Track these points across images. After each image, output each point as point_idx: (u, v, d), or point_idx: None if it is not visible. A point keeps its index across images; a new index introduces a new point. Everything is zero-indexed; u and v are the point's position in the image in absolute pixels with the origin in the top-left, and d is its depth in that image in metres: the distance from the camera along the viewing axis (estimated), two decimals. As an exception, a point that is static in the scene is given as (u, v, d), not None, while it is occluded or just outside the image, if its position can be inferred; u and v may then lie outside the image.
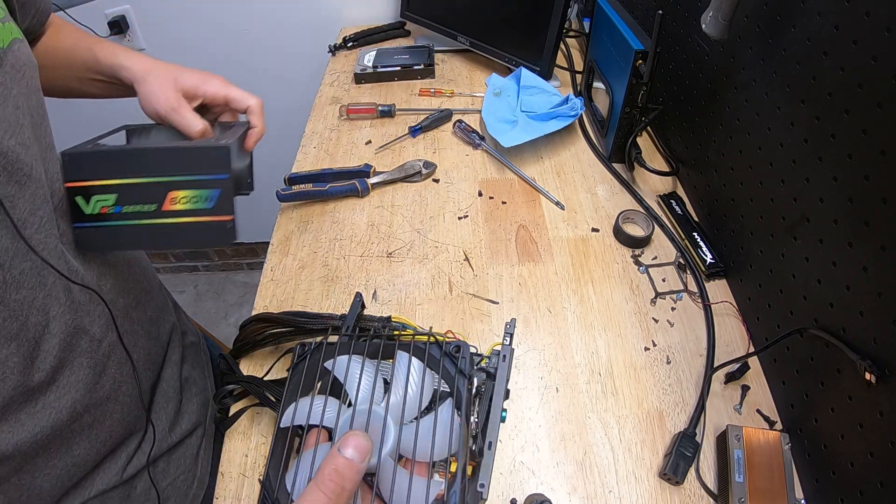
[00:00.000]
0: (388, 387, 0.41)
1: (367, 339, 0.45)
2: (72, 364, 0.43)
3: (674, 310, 0.63)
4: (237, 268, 1.99)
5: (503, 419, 0.42)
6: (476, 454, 0.39)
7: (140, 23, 1.25)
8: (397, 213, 0.76)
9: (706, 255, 0.66)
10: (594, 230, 0.72)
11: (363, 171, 0.80)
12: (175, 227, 0.43)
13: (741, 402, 0.55)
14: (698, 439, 0.51)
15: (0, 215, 0.36)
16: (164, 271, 1.98)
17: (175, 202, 0.43)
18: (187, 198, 0.43)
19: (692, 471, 0.50)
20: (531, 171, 0.81)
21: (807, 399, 0.50)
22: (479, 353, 0.46)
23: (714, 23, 0.58)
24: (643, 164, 0.75)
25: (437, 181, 0.81)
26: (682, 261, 0.68)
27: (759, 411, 0.54)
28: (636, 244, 0.70)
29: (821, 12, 0.47)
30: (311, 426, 0.40)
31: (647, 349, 0.59)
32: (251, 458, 0.52)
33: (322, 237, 0.74)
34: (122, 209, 0.43)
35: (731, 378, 0.56)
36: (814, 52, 0.48)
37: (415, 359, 0.41)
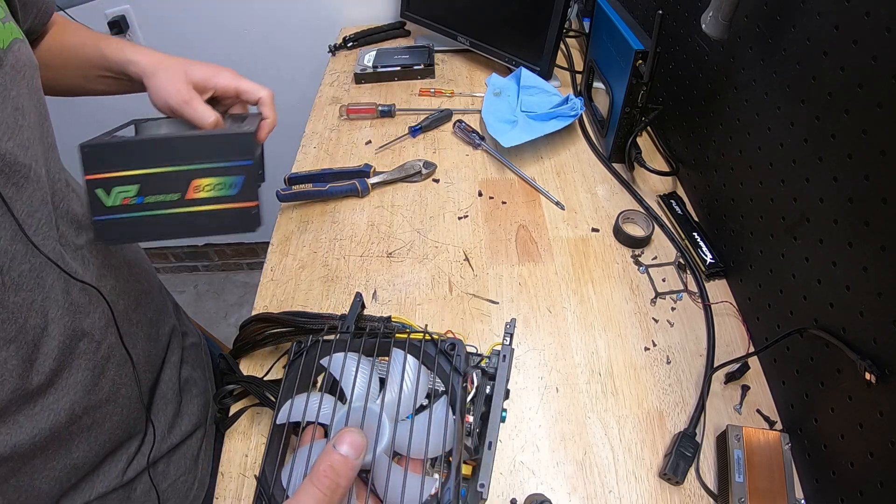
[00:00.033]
0: (383, 384, 0.41)
1: (362, 337, 0.45)
2: (71, 366, 0.43)
3: (674, 310, 0.63)
4: (237, 268, 1.99)
5: (503, 419, 0.42)
6: (471, 451, 0.39)
7: (140, 23, 1.25)
8: (397, 213, 0.76)
9: (706, 255, 0.66)
10: (594, 230, 0.72)
11: (363, 171, 0.80)
12: (199, 214, 0.43)
13: (741, 402, 0.55)
14: (698, 439, 0.51)
15: (0, 216, 0.36)
16: (164, 271, 1.98)
17: (199, 190, 0.43)
18: (211, 185, 0.43)
19: (692, 471, 0.50)
20: (531, 171, 0.81)
21: (807, 399, 0.50)
22: (479, 353, 0.46)
23: (714, 23, 0.58)
24: (643, 164, 0.75)
25: (437, 181, 0.81)
26: (682, 261, 0.68)
27: (759, 411, 0.54)
28: (636, 244, 0.70)
29: (821, 12, 0.47)
30: (307, 423, 0.41)
31: (647, 349, 0.59)
32: (251, 457, 0.52)
33: (322, 237, 0.74)
34: (145, 199, 0.43)
35: (731, 378, 0.56)
36: (814, 52, 0.48)
37: (410, 356, 0.41)
